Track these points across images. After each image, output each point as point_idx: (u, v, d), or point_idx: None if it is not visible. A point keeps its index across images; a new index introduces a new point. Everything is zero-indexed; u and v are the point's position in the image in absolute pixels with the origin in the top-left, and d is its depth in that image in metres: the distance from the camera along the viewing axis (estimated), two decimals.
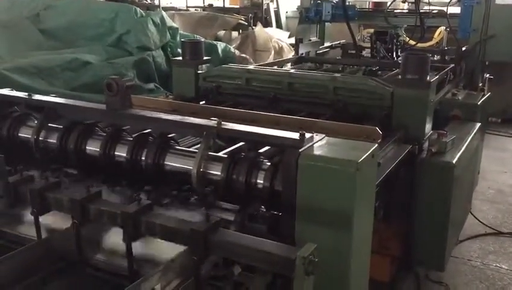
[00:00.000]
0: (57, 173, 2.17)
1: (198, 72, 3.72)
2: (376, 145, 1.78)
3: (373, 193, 1.83)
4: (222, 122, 1.90)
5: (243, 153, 1.96)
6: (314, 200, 1.66)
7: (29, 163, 2.23)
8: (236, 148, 2.07)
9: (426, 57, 3.09)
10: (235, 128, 1.89)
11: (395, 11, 6.17)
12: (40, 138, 2.22)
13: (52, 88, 4.35)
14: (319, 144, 1.77)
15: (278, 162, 1.82)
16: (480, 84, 5.18)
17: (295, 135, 1.75)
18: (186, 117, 2.01)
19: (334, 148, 1.74)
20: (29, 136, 2.24)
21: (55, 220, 1.83)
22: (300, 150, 1.68)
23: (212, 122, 1.91)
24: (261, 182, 1.81)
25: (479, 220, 4.47)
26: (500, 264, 3.95)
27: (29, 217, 1.75)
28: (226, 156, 1.92)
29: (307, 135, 1.75)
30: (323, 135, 1.84)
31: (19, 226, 1.83)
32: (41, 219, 1.75)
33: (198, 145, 2.39)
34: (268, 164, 1.85)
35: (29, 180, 1.81)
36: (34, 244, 1.62)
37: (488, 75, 5.45)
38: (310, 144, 1.74)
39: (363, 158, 1.63)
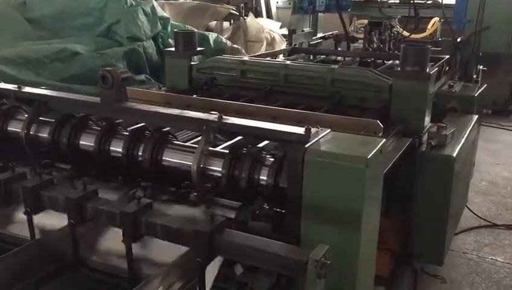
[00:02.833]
0: (48, 169, 2.08)
1: (192, 63, 3.64)
2: (384, 140, 1.72)
3: (380, 189, 1.77)
4: (223, 117, 1.82)
5: (244, 149, 1.88)
6: (321, 197, 1.60)
7: (19, 158, 2.14)
8: (235, 142, 2.00)
9: (426, 48, 3.03)
10: (236, 122, 1.82)
11: (389, 1, 6.11)
12: (31, 132, 2.13)
13: (40, 79, 4.23)
14: (325, 139, 1.71)
15: (281, 158, 1.75)
16: (475, 76, 5.15)
17: (300, 130, 1.69)
18: (186, 111, 1.93)
19: (341, 144, 1.67)
20: (19, 130, 2.14)
21: (49, 219, 1.75)
22: (306, 146, 1.61)
23: (213, 116, 1.84)
24: (265, 178, 1.74)
25: (473, 212, 4.46)
26: (496, 257, 3.95)
27: (21, 216, 1.66)
28: (227, 151, 1.84)
29: (313, 130, 1.68)
30: (329, 130, 1.77)
31: (10, 226, 1.75)
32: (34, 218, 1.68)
33: (197, 139, 2.35)
34: (272, 159, 1.79)
35: (22, 177, 1.71)
36: (28, 245, 1.54)
37: (481, 67, 5.42)
38: (316, 139, 1.67)
39: (372, 154, 1.57)
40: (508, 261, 3.89)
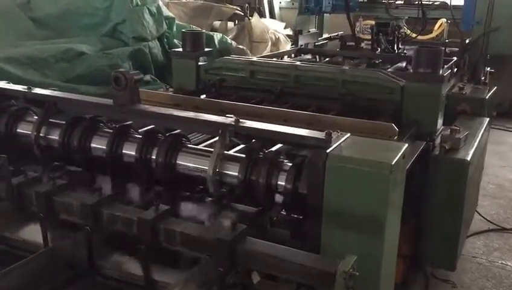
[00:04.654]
0: (59, 172, 2.05)
1: (200, 63, 3.59)
2: (406, 145, 1.67)
3: (402, 195, 1.72)
4: (240, 120, 1.78)
5: (260, 152, 1.84)
6: (342, 204, 1.55)
7: (28, 161, 2.10)
8: (252, 146, 1.95)
9: (439, 50, 2.98)
10: (254, 126, 1.77)
11: (396, 2, 6.07)
12: (41, 134, 2.09)
13: (46, 79, 4.16)
14: (345, 143, 1.66)
15: (301, 163, 1.71)
16: (483, 78, 5.11)
17: (321, 134, 1.64)
18: (201, 114, 1.88)
19: (362, 149, 1.63)
20: (29, 132, 2.10)
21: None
22: (328, 151, 1.57)
23: (229, 119, 1.79)
24: (283, 184, 1.69)
25: (482, 216, 4.41)
26: (506, 262, 3.90)
27: (34, 221, 1.62)
28: (243, 155, 1.80)
29: (334, 135, 1.64)
30: (348, 134, 1.73)
31: (23, 232, 1.70)
32: None
33: (209, 142, 2.31)
34: (290, 164, 1.74)
35: (35, 182, 1.67)
36: (41, 253, 1.49)
37: (489, 69, 5.38)
38: (337, 144, 1.63)
39: (396, 159, 1.53)
40: None
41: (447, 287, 3.55)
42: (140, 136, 1.96)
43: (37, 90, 2.17)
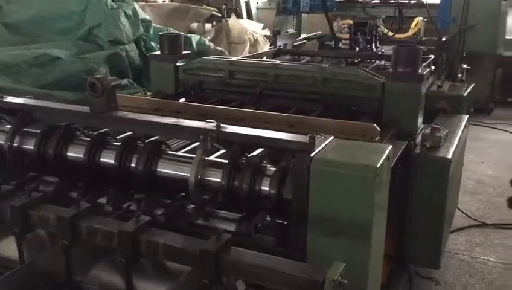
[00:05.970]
0: (34, 183, 1.98)
1: (178, 65, 3.54)
2: (390, 146, 1.66)
3: (387, 197, 1.71)
4: (221, 125, 1.74)
5: (243, 158, 1.80)
6: (328, 209, 1.53)
7: (1, 172, 2.03)
8: (234, 152, 1.91)
9: (418, 49, 2.98)
10: (236, 131, 1.74)
11: (373, 1, 6.11)
12: (15, 144, 2.02)
13: (19, 86, 4.06)
14: (329, 146, 1.64)
15: (284, 167, 1.68)
16: (459, 75, 5.17)
17: (304, 138, 1.62)
18: (182, 120, 1.84)
19: (346, 152, 1.61)
20: (2, 143, 2.03)
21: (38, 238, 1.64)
22: (312, 155, 1.54)
23: (211, 124, 1.75)
24: (267, 189, 1.66)
25: (463, 212, 4.45)
26: (488, 257, 3.93)
27: (10, 236, 1.56)
28: (226, 161, 1.76)
29: (317, 138, 1.61)
30: (332, 137, 1.71)
31: None
32: None
33: (189, 148, 2.26)
34: (274, 169, 1.71)
35: (9, 195, 1.60)
36: (19, 269, 1.43)
37: (465, 66, 5.43)
38: (321, 147, 1.60)
39: (381, 162, 1.51)
40: (500, 261, 3.87)
41: (430, 284, 3.57)
42: (119, 144, 1.91)
43: (10, 99, 2.09)
